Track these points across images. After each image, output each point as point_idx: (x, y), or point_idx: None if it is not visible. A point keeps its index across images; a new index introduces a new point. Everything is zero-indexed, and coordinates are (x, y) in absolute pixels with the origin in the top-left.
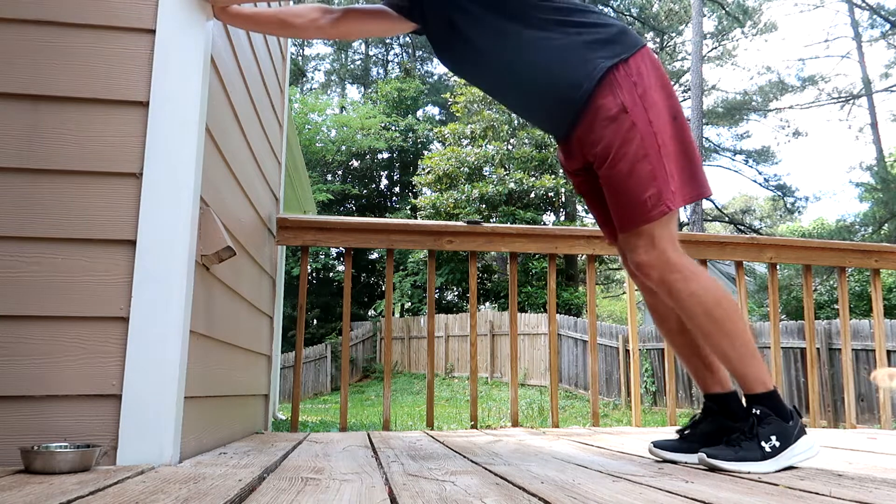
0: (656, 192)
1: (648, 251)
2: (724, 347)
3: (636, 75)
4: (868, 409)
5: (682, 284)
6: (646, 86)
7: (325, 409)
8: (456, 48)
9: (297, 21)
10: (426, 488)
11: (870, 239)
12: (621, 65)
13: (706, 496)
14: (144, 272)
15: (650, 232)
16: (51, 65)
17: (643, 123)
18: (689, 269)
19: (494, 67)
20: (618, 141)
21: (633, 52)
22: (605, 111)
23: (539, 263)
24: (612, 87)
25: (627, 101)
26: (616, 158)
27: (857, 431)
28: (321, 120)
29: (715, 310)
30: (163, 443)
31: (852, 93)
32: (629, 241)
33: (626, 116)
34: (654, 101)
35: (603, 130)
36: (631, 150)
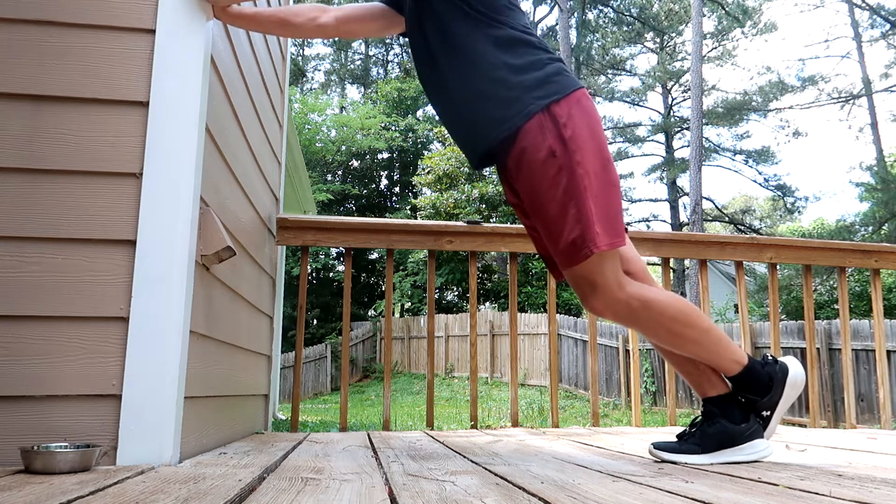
0: (580, 234)
1: (593, 296)
2: (694, 350)
3: (566, 117)
4: (868, 409)
5: (636, 315)
6: (575, 129)
7: (325, 409)
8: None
9: (297, 20)
10: (426, 488)
11: (870, 239)
12: (553, 105)
13: (706, 496)
14: (144, 272)
15: (588, 276)
16: (51, 65)
17: (570, 167)
18: (637, 300)
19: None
20: (545, 184)
21: (566, 95)
22: (533, 153)
23: (539, 263)
24: (542, 129)
25: (555, 143)
26: (544, 201)
27: (857, 431)
28: (321, 120)
29: (673, 326)
30: (163, 443)
31: (852, 93)
32: (574, 286)
33: (553, 160)
34: (583, 145)
35: (531, 172)
36: (558, 194)
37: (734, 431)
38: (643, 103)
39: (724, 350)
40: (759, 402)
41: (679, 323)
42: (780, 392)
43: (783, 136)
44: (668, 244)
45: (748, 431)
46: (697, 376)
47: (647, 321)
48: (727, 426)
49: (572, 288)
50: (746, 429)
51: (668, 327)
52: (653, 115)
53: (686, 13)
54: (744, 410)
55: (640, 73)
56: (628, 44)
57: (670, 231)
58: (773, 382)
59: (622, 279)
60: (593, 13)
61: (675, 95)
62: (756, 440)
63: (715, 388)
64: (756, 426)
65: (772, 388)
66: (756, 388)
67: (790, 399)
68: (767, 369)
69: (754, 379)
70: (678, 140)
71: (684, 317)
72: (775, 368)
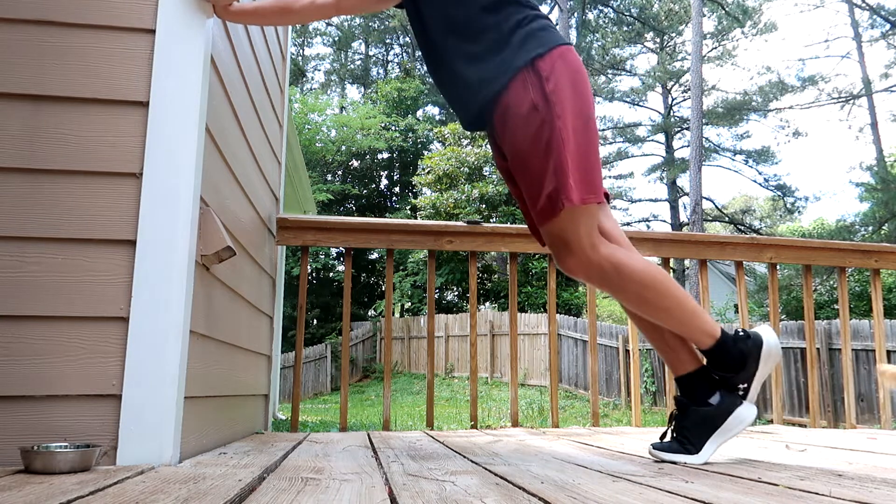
0: (555, 187)
1: (566, 255)
2: (664, 319)
3: (549, 71)
4: (868, 409)
5: (608, 278)
6: (557, 82)
7: (325, 409)
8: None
9: (297, 5)
10: (426, 488)
11: (870, 239)
12: (537, 60)
13: (706, 496)
14: (144, 272)
15: (562, 234)
16: (51, 65)
17: (551, 120)
18: (610, 262)
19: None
20: (528, 139)
21: (549, 50)
22: (517, 108)
23: (539, 263)
24: (525, 84)
25: (537, 98)
26: (527, 156)
27: (857, 431)
28: (321, 120)
29: (644, 292)
30: (163, 443)
31: (852, 93)
32: (551, 246)
33: (536, 114)
34: (564, 99)
35: (514, 127)
36: (540, 147)
37: (710, 412)
38: (643, 103)
39: (697, 321)
40: (733, 377)
41: (651, 290)
42: (755, 365)
43: (783, 136)
44: (668, 244)
45: (723, 406)
46: (668, 352)
47: (618, 284)
48: (699, 411)
49: (549, 248)
50: (720, 404)
51: (639, 293)
52: (653, 115)
53: (686, 13)
54: (711, 383)
55: (640, 73)
56: (628, 44)
57: (670, 231)
58: (746, 357)
59: (596, 240)
60: (593, 13)
61: (675, 95)
62: (736, 410)
63: (684, 365)
64: (728, 397)
65: (745, 363)
66: (729, 364)
67: (767, 370)
68: (739, 345)
69: (727, 354)
70: (678, 140)
71: (657, 284)
72: (748, 343)
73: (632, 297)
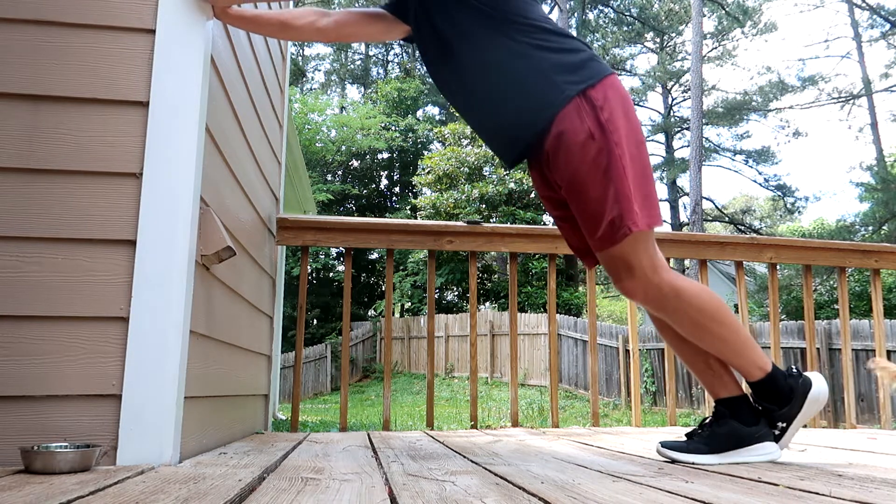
0: (618, 214)
1: (628, 278)
2: (717, 347)
3: (602, 100)
4: (868, 409)
5: (667, 303)
6: (612, 111)
7: (325, 409)
8: (437, 56)
9: (298, 23)
10: (426, 488)
11: (870, 239)
12: (589, 90)
13: (706, 496)
14: (144, 272)
15: (624, 258)
16: (51, 65)
17: (609, 148)
18: (670, 286)
19: (467, 78)
20: (585, 166)
21: (601, 79)
22: (572, 136)
23: (539, 263)
24: (580, 113)
25: (593, 126)
26: (584, 184)
27: (857, 431)
28: (321, 120)
29: (701, 318)
30: (163, 443)
31: (852, 93)
32: (609, 268)
33: (592, 142)
34: (619, 126)
35: (570, 156)
36: (598, 175)
37: (744, 432)
38: (643, 103)
39: (749, 353)
40: (775, 412)
41: (707, 317)
42: (799, 406)
43: (783, 136)
44: (668, 244)
45: (758, 433)
46: (710, 376)
47: (676, 309)
48: (737, 427)
49: (606, 270)
50: (756, 430)
51: (696, 319)
52: (653, 115)
53: (686, 13)
54: (755, 414)
55: (640, 73)
56: (628, 44)
57: (670, 231)
58: (794, 395)
59: (657, 263)
60: (593, 13)
61: (675, 95)
62: (766, 442)
63: (727, 389)
64: (766, 429)
65: (791, 399)
66: (774, 398)
67: (809, 414)
68: (790, 381)
69: (774, 388)
70: (678, 140)
71: (714, 311)
72: (798, 381)
73: (688, 324)
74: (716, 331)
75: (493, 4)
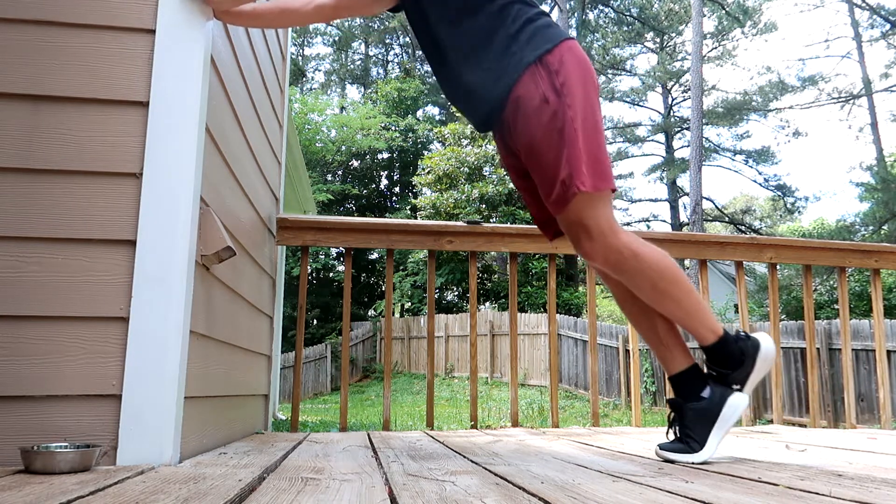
0: (568, 174)
1: (587, 240)
2: (673, 309)
3: (558, 64)
4: (868, 409)
5: (626, 264)
6: (567, 75)
7: (325, 409)
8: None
9: (295, 5)
10: (426, 488)
11: (870, 239)
12: (545, 55)
13: (706, 496)
14: (144, 272)
15: (580, 220)
16: (51, 65)
17: (563, 110)
18: (629, 249)
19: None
20: (541, 130)
21: (557, 44)
22: (528, 101)
23: (539, 263)
24: (535, 78)
25: (548, 90)
26: (540, 147)
27: (857, 431)
28: (321, 120)
29: (658, 281)
30: (163, 443)
31: (852, 93)
32: (568, 233)
33: (547, 106)
34: (574, 90)
35: (526, 120)
36: (553, 139)
37: (705, 406)
38: (643, 103)
39: (703, 316)
40: (730, 375)
41: (665, 280)
42: (752, 366)
43: (783, 136)
44: (668, 244)
45: (716, 397)
46: (664, 351)
47: (635, 271)
48: (696, 406)
49: (567, 235)
50: (712, 395)
51: (654, 282)
52: (653, 115)
53: (686, 13)
54: (703, 378)
55: (640, 73)
56: (628, 44)
57: (670, 231)
58: (745, 357)
59: (616, 226)
60: (593, 13)
61: (675, 95)
62: (728, 399)
63: (677, 362)
64: (719, 388)
65: (743, 362)
66: (728, 362)
67: (761, 372)
68: (740, 344)
69: (727, 351)
70: (678, 140)
71: (671, 274)
72: (748, 344)
73: (645, 285)
74: (673, 293)
75: None
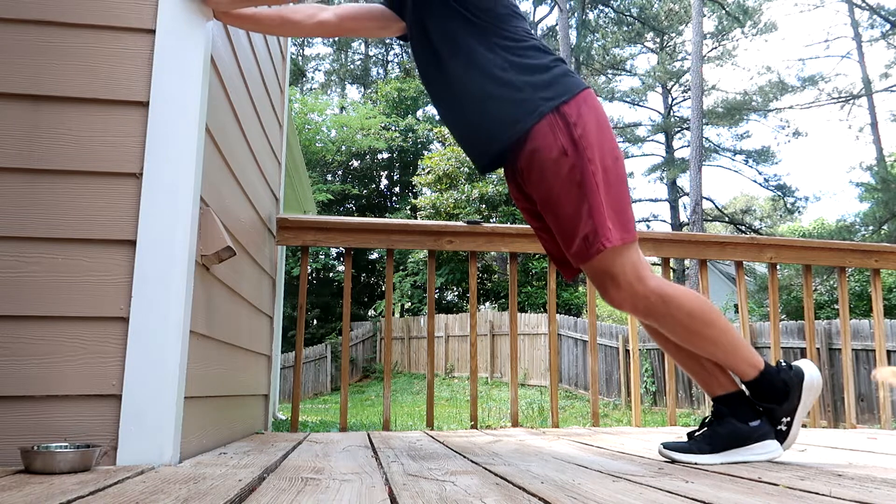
0: (592, 229)
1: (613, 289)
2: (710, 350)
3: (576, 116)
4: (868, 409)
5: (656, 310)
6: (585, 127)
7: (325, 409)
8: (425, 57)
9: (297, 17)
10: (426, 488)
11: (870, 239)
12: (563, 106)
13: (706, 496)
14: (144, 272)
15: (606, 270)
16: (51, 65)
17: (582, 164)
18: (657, 294)
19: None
20: (559, 183)
21: (575, 95)
22: (546, 153)
23: (539, 263)
24: (553, 129)
25: (566, 143)
26: (558, 200)
27: (857, 431)
28: (321, 120)
29: (691, 323)
30: (163, 443)
31: (852, 93)
32: (594, 280)
33: (565, 159)
34: (593, 142)
35: (543, 172)
36: (572, 192)
37: (745, 431)
38: (643, 103)
39: (742, 352)
40: (776, 409)
41: (697, 320)
42: (798, 398)
43: (783, 136)
44: (668, 244)
45: (759, 431)
46: (705, 376)
47: (666, 316)
48: (738, 426)
49: (591, 282)
50: (757, 428)
51: (686, 324)
52: (653, 115)
53: (686, 13)
54: (754, 410)
55: (640, 73)
56: (628, 44)
57: (670, 231)
58: (790, 388)
59: (642, 273)
60: (593, 13)
61: (675, 95)
62: (767, 441)
63: (723, 386)
64: (767, 427)
65: (788, 394)
66: (772, 395)
67: (808, 404)
68: (783, 376)
69: (770, 385)
70: (678, 140)
71: (703, 314)
72: (790, 374)
73: (679, 330)
74: (707, 334)
75: (480, 15)
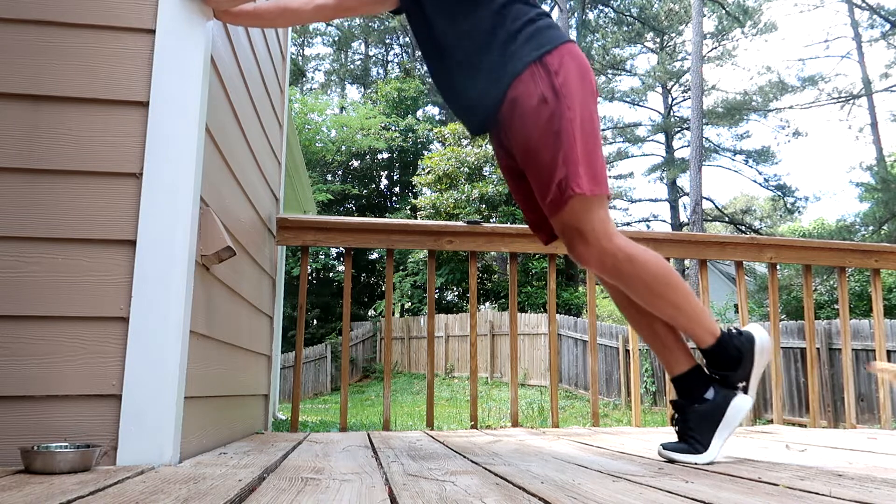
0: (565, 175)
1: (581, 244)
2: (670, 313)
3: (558, 66)
4: (868, 409)
5: (621, 268)
6: (567, 76)
7: (325, 409)
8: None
9: (295, 5)
10: (426, 488)
11: (870, 239)
12: (545, 56)
13: (706, 496)
14: (144, 272)
15: (575, 224)
16: (51, 65)
17: (561, 111)
18: (624, 252)
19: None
20: (538, 130)
21: (557, 46)
22: (526, 100)
23: (539, 263)
24: (534, 78)
25: (547, 91)
26: (537, 147)
27: (857, 431)
28: (321, 120)
29: (655, 285)
30: (163, 443)
31: (852, 93)
32: (563, 236)
33: (545, 106)
34: (573, 91)
35: (523, 120)
36: (550, 139)
37: (708, 409)
38: (643, 103)
39: (701, 318)
40: (731, 375)
41: (661, 283)
42: (751, 362)
43: (783, 136)
44: (668, 244)
45: (720, 399)
46: (665, 352)
47: (631, 276)
48: (698, 409)
49: (561, 239)
50: (717, 398)
51: (650, 285)
52: (653, 115)
53: (686, 13)
54: (707, 380)
55: (640, 73)
56: (628, 44)
57: (670, 231)
58: (742, 354)
59: (611, 230)
60: (593, 13)
61: (675, 95)
62: (732, 401)
63: (680, 364)
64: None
65: (741, 360)
66: (727, 363)
67: (761, 366)
68: (734, 341)
69: (725, 353)
70: (678, 140)
71: (666, 277)
72: (742, 339)
73: (642, 289)
74: (670, 298)
75: None
